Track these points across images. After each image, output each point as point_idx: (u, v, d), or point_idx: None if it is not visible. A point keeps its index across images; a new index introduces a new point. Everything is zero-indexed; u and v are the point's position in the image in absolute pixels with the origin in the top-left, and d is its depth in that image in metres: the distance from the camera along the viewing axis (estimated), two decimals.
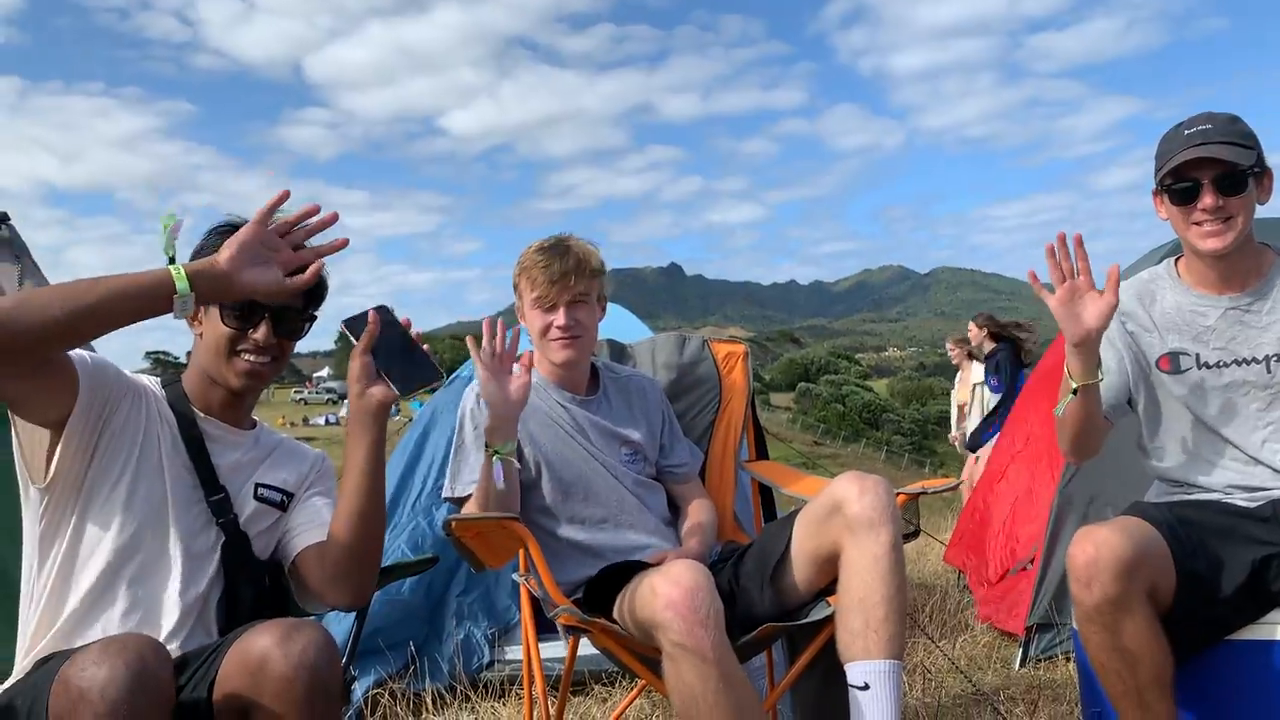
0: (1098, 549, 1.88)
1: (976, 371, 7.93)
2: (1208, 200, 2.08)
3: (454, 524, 2.02)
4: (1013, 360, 7.41)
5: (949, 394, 9.61)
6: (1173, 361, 2.22)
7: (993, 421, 7.22)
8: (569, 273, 2.32)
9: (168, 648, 1.53)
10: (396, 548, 3.43)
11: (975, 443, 7.51)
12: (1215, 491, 2.18)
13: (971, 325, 7.91)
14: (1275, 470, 2.13)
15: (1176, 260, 2.30)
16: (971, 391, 7.82)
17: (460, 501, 2.29)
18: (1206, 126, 2.11)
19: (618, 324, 3.97)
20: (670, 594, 1.79)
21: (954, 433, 8.72)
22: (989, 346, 7.57)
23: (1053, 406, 2.21)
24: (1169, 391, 2.22)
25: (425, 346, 1.83)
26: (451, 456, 2.37)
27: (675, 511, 2.53)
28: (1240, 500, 2.15)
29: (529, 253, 2.39)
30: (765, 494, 2.77)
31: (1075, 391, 2.10)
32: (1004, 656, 3.58)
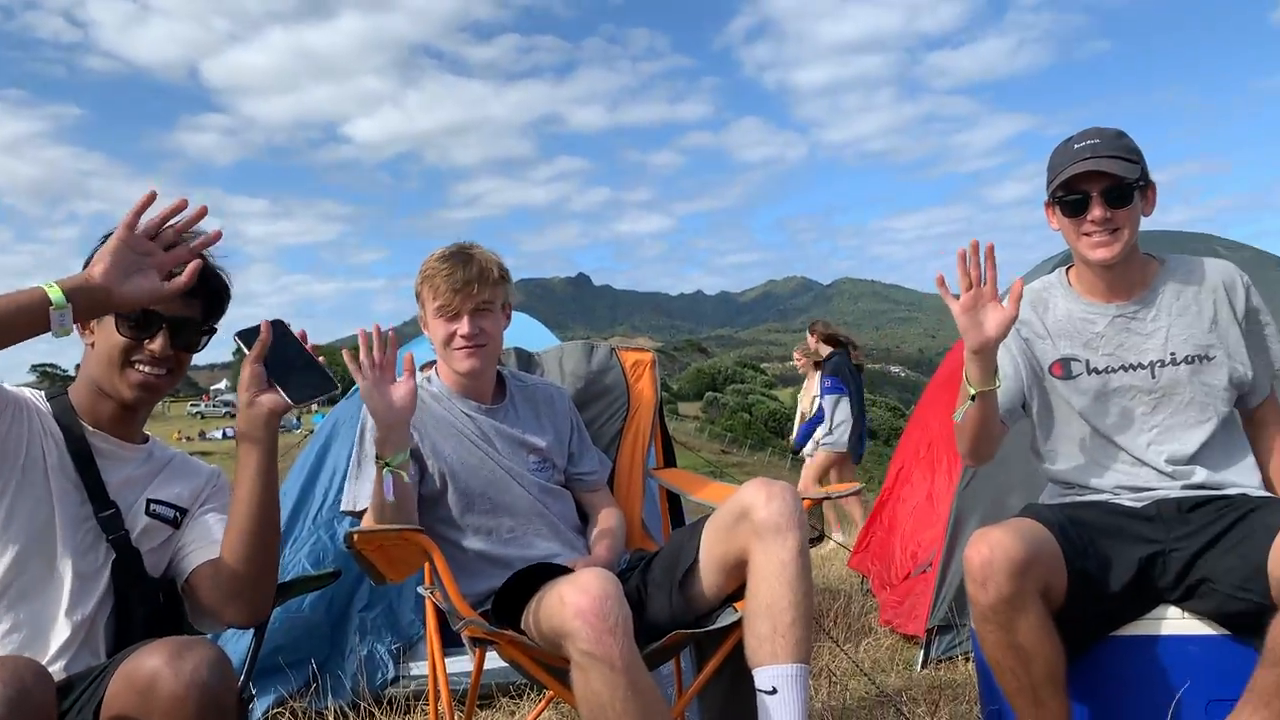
0: (992, 550, 1.94)
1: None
2: (1096, 212, 2.17)
3: (355, 537, 1.98)
4: (846, 365, 7.70)
5: None
6: (1065, 367, 2.30)
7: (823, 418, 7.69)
8: (472, 281, 2.29)
9: (52, 669, 1.47)
10: (297, 562, 3.34)
11: (802, 443, 8.05)
12: (1104, 492, 2.26)
13: (809, 334, 8.18)
14: (1160, 471, 2.22)
15: (1068, 269, 2.39)
16: (813, 401, 8.05)
17: (360, 515, 2.25)
18: (1095, 141, 2.20)
19: (526, 333, 3.94)
20: (579, 602, 1.78)
21: (792, 438, 8.96)
22: (825, 351, 7.87)
23: (951, 413, 2.27)
24: (1061, 396, 2.30)
25: (320, 358, 1.79)
26: (350, 469, 2.32)
27: (584, 520, 2.52)
28: (1127, 500, 2.24)
29: (431, 261, 2.36)
30: (673, 501, 2.79)
31: (974, 397, 2.16)
32: (906, 658, 3.65)
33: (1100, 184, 2.17)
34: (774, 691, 1.88)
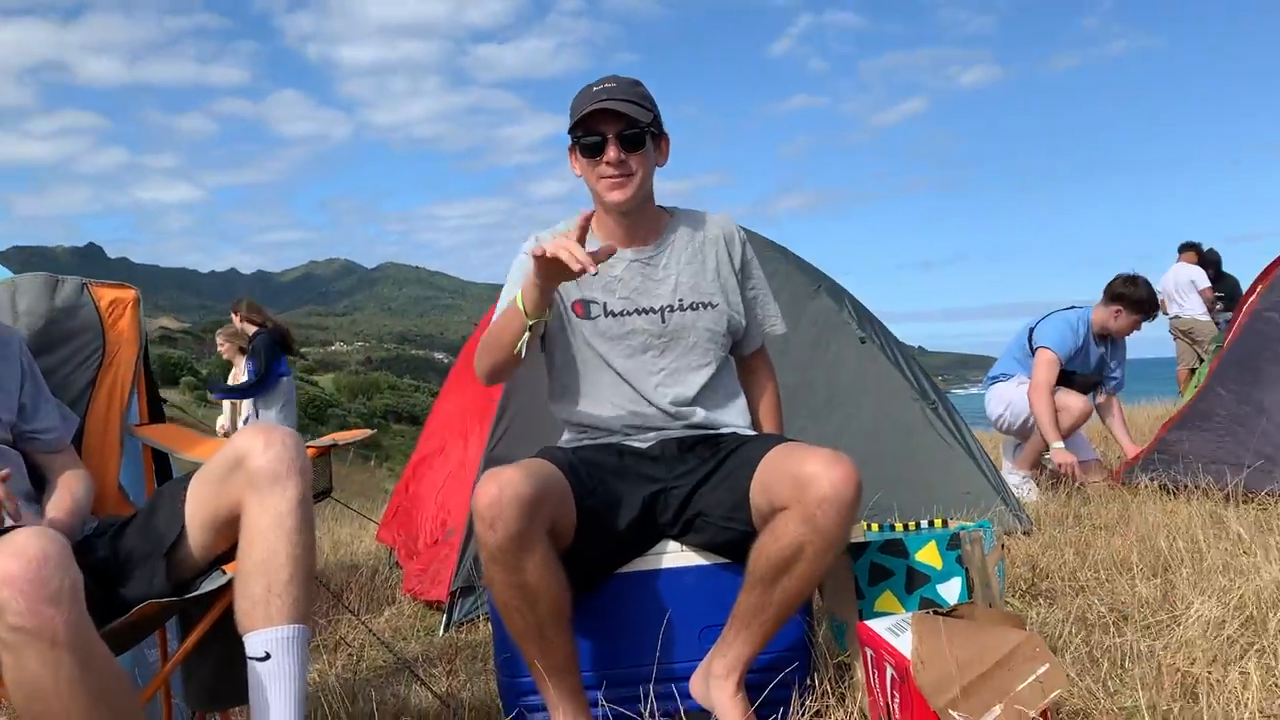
0: (501, 489, 1.89)
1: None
2: (611, 153, 2.22)
3: None
4: (270, 346, 7.68)
5: (395, 388, 9.61)
6: (585, 308, 2.33)
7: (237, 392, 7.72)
8: None
9: None
10: None
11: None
12: (615, 434, 2.32)
13: (234, 315, 8.07)
14: (665, 412, 2.32)
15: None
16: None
17: None
18: (612, 85, 2.26)
19: None
20: (8, 569, 1.45)
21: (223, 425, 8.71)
22: (251, 331, 7.80)
23: (478, 385, 2.22)
24: (581, 337, 2.33)
25: None
26: None
27: (41, 487, 2.12)
28: (636, 442, 2.31)
29: None
30: (161, 461, 2.44)
31: (530, 327, 2.08)
32: (429, 625, 3.57)
33: (616, 126, 2.22)
34: (267, 657, 1.69)
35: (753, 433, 2.42)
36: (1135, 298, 5.34)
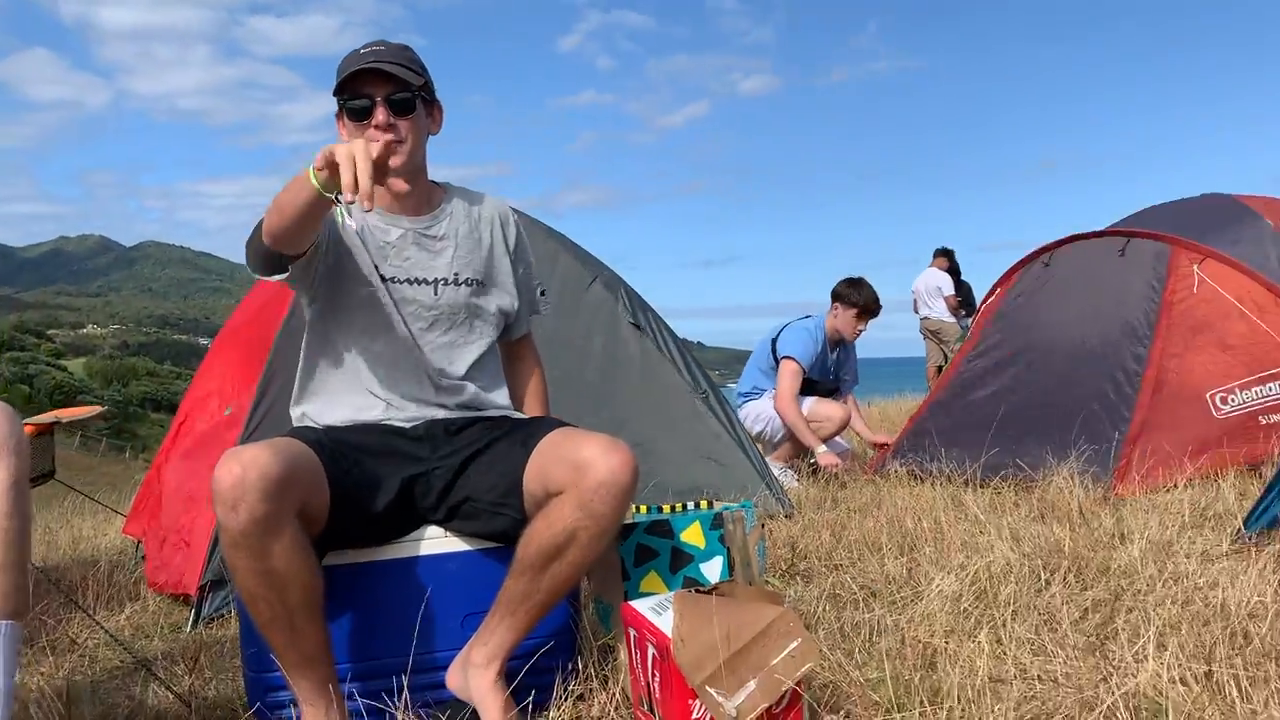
0: (245, 469, 1.75)
1: None
2: (380, 116, 2.11)
3: None
4: None
5: (154, 374, 8.95)
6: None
7: None
8: None
9: None
10: None
11: None
12: (377, 408, 2.22)
13: None
14: (435, 388, 2.23)
15: None
16: None
17: None
18: (380, 48, 2.16)
19: None
20: None
21: None
22: None
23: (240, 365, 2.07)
24: (348, 302, 2.20)
25: None
26: None
27: None
28: (398, 420, 2.21)
29: None
30: None
31: (325, 196, 1.83)
32: (176, 622, 3.32)
33: (385, 89, 2.12)
34: None
35: (524, 416, 2.37)
36: (852, 299, 5.65)
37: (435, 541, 2.15)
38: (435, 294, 2.25)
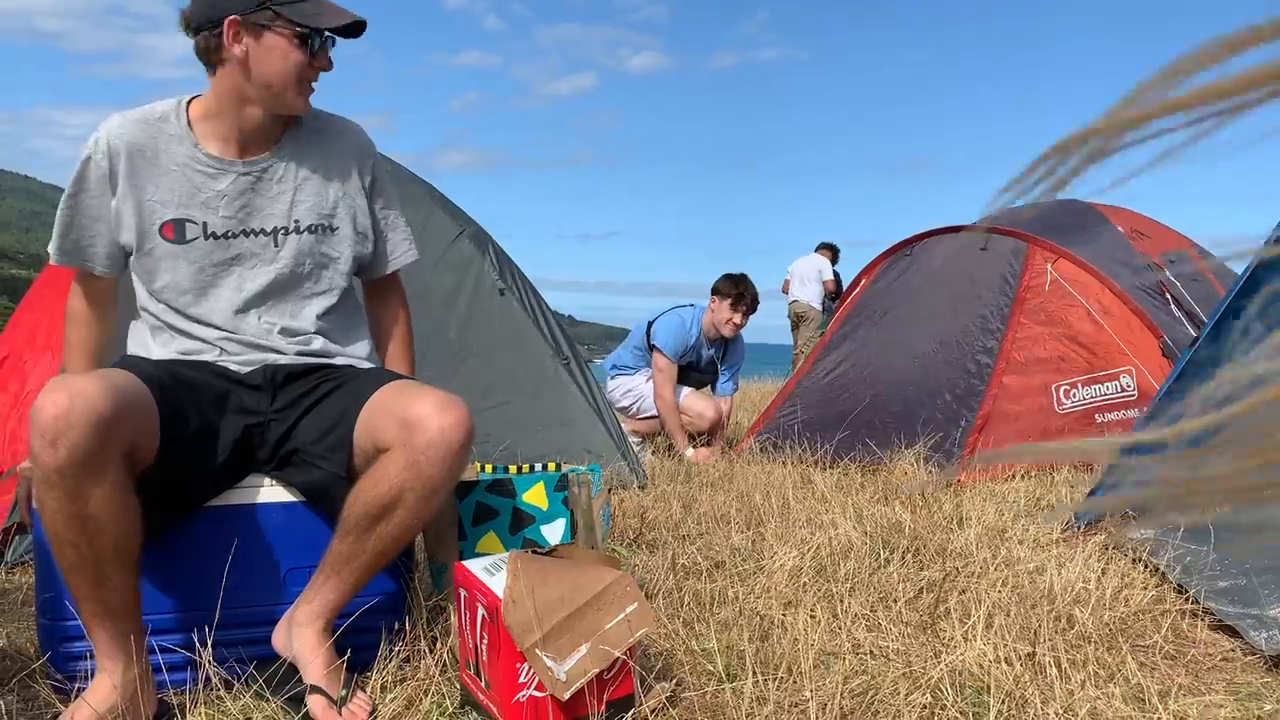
0: (72, 400, 1.60)
1: None
2: (327, 60, 2.08)
3: None
4: None
5: None
6: (178, 229, 2.04)
7: None
8: None
9: None
10: None
11: None
12: (210, 353, 2.08)
13: None
14: (272, 338, 2.11)
15: (188, 103, 2.11)
16: None
17: None
18: None
19: None
20: None
21: None
22: None
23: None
24: (173, 259, 2.05)
25: None
26: None
27: None
28: (234, 364, 2.07)
29: None
30: None
31: None
32: None
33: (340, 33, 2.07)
34: None
35: (370, 365, 2.26)
36: (727, 293, 5.69)
37: (265, 490, 2.05)
38: (275, 245, 2.11)
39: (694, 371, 5.73)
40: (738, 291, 5.60)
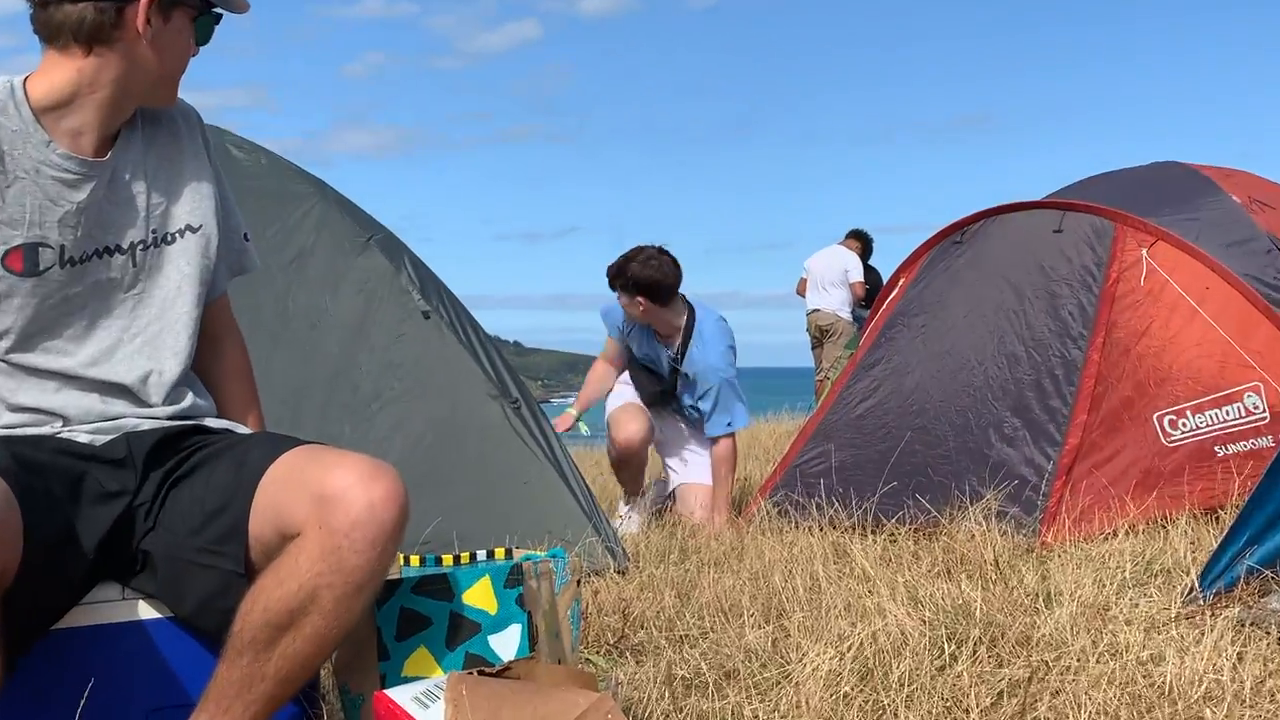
0: None
1: None
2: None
3: None
4: None
5: None
6: (28, 259, 2.00)
7: None
8: None
9: None
10: None
11: None
12: (58, 418, 2.05)
13: None
14: (134, 394, 2.09)
15: (24, 81, 2.05)
16: None
17: None
18: None
19: None
20: None
21: None
22: None
23: None
24: (21, 298, 2.01)
25: None
26: None
27: None
28: (84, 435, 2.05)
29: None
30: None
31: None
32: None
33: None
34: None
35: (247, 430, 2.24)
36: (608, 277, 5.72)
37: (118, 606, 2.03)
38: (134, 263, 2.11)
39: (651, 374, 5.72)
40: (612, 274, 5.63)
